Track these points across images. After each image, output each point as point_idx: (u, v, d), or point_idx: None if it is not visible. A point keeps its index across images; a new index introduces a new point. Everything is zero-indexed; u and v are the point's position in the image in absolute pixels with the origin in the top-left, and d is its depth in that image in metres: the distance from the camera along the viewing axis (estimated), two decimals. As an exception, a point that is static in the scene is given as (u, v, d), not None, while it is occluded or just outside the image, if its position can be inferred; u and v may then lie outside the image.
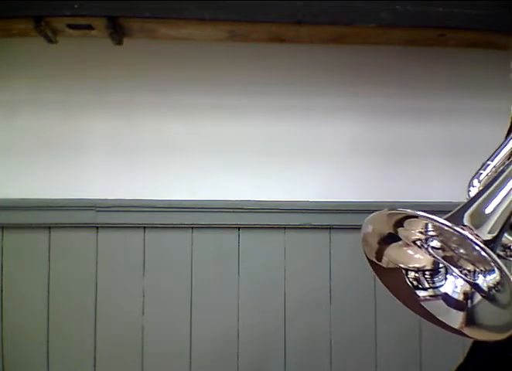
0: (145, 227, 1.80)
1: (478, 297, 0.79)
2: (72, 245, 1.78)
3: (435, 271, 0.83)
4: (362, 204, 1.80)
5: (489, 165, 0.89)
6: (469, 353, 1.05)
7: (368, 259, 0.84)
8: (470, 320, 0.80)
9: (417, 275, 0.83)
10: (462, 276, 0.81)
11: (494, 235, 0.72)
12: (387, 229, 0.80)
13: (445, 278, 0.83)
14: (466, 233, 0.69)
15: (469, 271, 0.81)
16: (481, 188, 0.84)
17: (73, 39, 1.71)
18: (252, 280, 1.82)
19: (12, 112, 1.81)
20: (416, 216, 0.75)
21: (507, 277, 0.68)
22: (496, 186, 0.78)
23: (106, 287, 1.78)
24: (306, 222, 1.82)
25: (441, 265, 0.83)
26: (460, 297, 0.82)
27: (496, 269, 0.71)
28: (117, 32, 1.65)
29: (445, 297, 0.83)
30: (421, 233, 0.80)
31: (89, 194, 1.79)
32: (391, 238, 0.81)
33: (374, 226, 0.80)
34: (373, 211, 0.79)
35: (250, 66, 1.86)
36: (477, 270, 0.80)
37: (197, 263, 1.81)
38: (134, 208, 1.79)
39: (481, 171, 0.88)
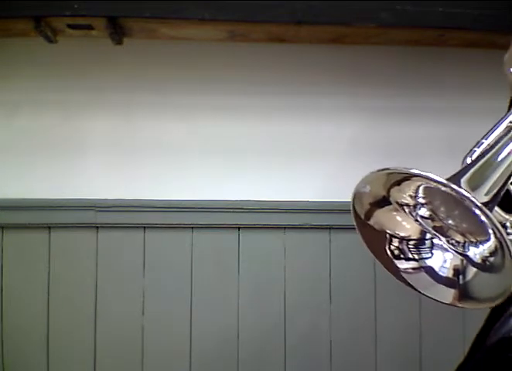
0: (145, 227, 1.80)
1: (470, 271, 0.79)
2: (72, 245, 1.78)
3: (420, 241, 0.83)
4: (362, 204, 1.79)
5: (483, 143, 0.89)
6: (469, 353, 1.05)
7: (355, 213, 0.82)
8: (464, 295, 0.79)
9: (400, 246, 0.83)
10: (451, 246, 0.80)
11: (491, 196, 0.72)
12: (383, 191, 0.79)
13: (431, 252, 0.83)
14: (462, 190, 0.69)
15: (457, 242, 0.81)
16: (478, 155, 0.84)
17: (73, 39, 1.71)
18: (252, 280, 1.82)
19: (12, 112, 1.81)
20: (411, 175, 0.74)
21: (502, 235, 0.68)
22: (493, 153, 0.79)
23: (106, 287, 1.78)
24: (306, 222, 1.82)
25: (428, 236, 0.83)
26: (450, 274, 0.81)
27: (490, 229, 0.71)
28: (117, 32, 1.65)
29: (432, 273, 0.82)
30: (411, 196, 0.79)
31: (89, 194, 1.79)
32: (384, 201, 0.81)
33: (372, 186, 0.80)
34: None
35: (250, 66, 1.86)
36: (467, 241, 0.79)
37: (197, 263, 1.81)
38: (134, 208, 1.79)
39: (475, 149, 0.88)
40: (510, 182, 0.78)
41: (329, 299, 1.84)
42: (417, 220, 0.82)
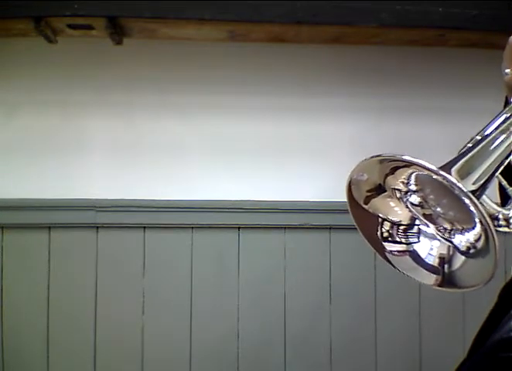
0: (145, 227, 1.80)
1: (455, 260, 0.81)
2: (72, 245, 1.78)
3: (409, 227, 0.86)
4: (362, 204, 1.79)
5: (477, 139, 0.90)
6: (469, 354, 1.05)
7: (351, 196, 0.85)
8: (446, 281, 0.82)
9: (390, 230, 0.85)
10: (439, 233, 0.83)
11: (478, 185, 0.75)
12: (379, 179, 0.82)
13: (418, 238, 0.85)
14: (451, 177, 0.72)
15: (445, 229, 0.83)
16: (469, 146, 0.86)
17: (73, 39, 1.71)
18: (252, 280, 1.82)
19: (12, 112, 1.81)
20: (403, 162, 0.77)
21: (487, 221, 0.69)
22: (484, 146, 0.82)
23: (106, 287, 1.78)
24: (306, 222, 1.82)
25: (417, 223, 0.85)
26: (436, 262, 0.83)
27: (476, 215, 0.72)
28: (117, 32, 1.66)
29: (417, 259, 0.85)
30: (403, 183, 0.82)
31: (89, 194, 1.79)
32: (380, 189, 0.84)
33: (369, 175, 0.83)
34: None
35: (250, 66, 1.86)
36: (454, 228, 0.82)
37: (197, 263, 1.81)
38: (134, 208, 1.79)
39: (469, 145, 0.90)
40: (498, 173, 0.80)
41: (329, 299, 1.84)
42: (407, 207, 0.84)
